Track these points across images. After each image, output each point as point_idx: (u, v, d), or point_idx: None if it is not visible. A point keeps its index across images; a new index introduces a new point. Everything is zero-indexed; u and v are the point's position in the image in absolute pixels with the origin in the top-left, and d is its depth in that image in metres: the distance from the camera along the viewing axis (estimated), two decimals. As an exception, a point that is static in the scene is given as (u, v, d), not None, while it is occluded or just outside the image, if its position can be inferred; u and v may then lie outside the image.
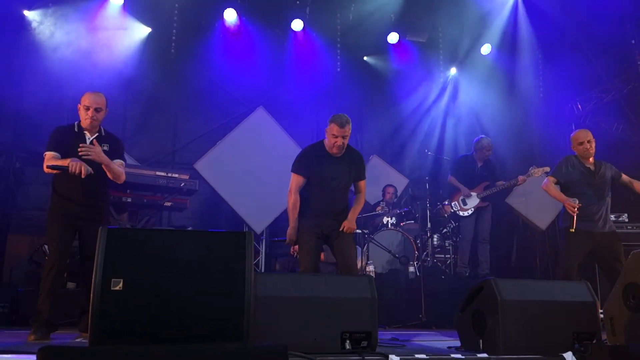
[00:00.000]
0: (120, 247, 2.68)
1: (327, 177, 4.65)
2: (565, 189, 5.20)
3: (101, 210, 4.55)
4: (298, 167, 4.71)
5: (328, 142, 4.64)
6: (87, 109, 4.39)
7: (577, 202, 4.95)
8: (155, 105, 8.75)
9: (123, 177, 4.55)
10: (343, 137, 4.57)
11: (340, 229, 4.61)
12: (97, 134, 4.50)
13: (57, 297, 4.30)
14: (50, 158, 4.33)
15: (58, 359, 2.20)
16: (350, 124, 4.61)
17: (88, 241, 4.34)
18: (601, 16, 7.69)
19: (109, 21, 8.05)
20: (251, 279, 2.78)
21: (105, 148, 4.45)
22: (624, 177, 5.28)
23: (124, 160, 4.68)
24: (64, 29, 7.79)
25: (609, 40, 7.92)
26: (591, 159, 5.22)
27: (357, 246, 7.14)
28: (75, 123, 4.51)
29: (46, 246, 5.76)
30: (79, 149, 4.25)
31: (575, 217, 4.95)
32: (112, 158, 4.48)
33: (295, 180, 4.69)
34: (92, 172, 4.26)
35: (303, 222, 4.64)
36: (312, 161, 4.67)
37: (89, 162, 4.30)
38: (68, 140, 4.39)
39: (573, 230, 4.95)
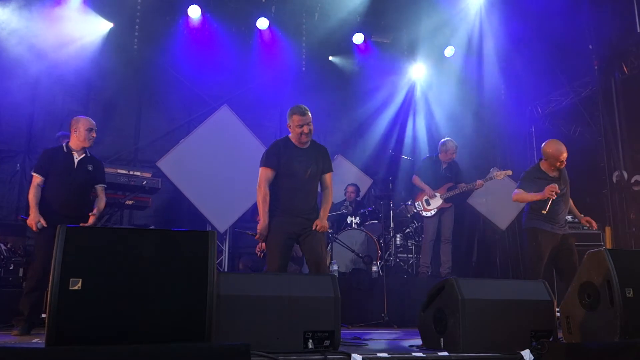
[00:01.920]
0: (79, 246, 2.63)
1: (295, 167, 4.60)
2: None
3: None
4: (266, 159, 4.65)
5: (294, 134, 4.63)
6: (91, 130, 5.02)
7: (556, 185, 5.07)
8: (118, 102, 8.61)
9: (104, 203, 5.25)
10: (308, 124, 4.57)
11: (313, 228, 4.56)
12: (83, 155, 5.06)
13: (40, 301, 4.71)
14: (35, 185, 4.85)
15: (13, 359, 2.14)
16: (309, 111, 4.64)
17: None
18: (560, 22, 7.87)
19: (69, 15, 7.86)
20: (214, 278, 2.76)
21: (90, 168, 5.07)
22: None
23: (105, 182, 5.27)
24: (22, 23, 7.59)
25: (568, 45, 8.12)
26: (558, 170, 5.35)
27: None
28: (64, 144, 5.04)
29: (3, 244, 5.77)
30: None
31: (549, 201, 5.07)
32: (95, 178, 5.13)
33: (264, 174, 4.61)
34: (45, 225, 4.74)
35: (274, 221, 4.55)
36: (280, 152, 4.64)
37: (79, 183, 4.96)
38: (57, 161, 4.94)
39: (545, 212, 5.08)
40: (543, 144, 5.42)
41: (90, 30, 8.15)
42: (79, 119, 5.05)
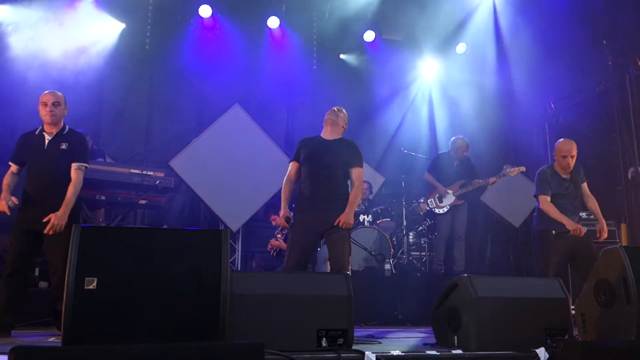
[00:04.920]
0: (94, 245, 2.64)
1: (315, 152, 4.68)
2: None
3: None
4: (293, 155, 4.87)
5: (325, 123, 4.84)
6: (45, 105, 4.52)
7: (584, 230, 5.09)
8: (130, 102, 8.65)
9: (79, 186, 4.55)
10: (338, 110, 4.85)
11: (336, 224, 4.51)
12: (55, 134, 4.57)
13: (15, 298, 4.37)
14: (9, 173, 4.55)
15: (31, 358, 2.16)
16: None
17: (49, 243, 4.42)
18: (574, 17, 7.80)
19: (82, 17, 7.91)
20: (227, 277, 2.76)
21: (64, 147, 4.55)
22: (586, 187, 5.43)
23: (86, 160, 4.67)
24: (35, 25, 7.64)
25: (582, 41, 8.05)
26: (569, 169, 5.32)
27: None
28: (40, 127, 4.64)
29: None
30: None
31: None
32: (71, 157, 4.55)
33: (289, 168, 4.82)
34: (16, 202, 4.40)
35: (296, 218, 4.59)
36: (301, 145, 4.80)
37: (49, 165, 4.48)
38: (29, 145, 4.56)
39: (555, 233, 5.11)
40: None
41: (102, 31, 8.21)
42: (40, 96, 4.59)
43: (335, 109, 4.87)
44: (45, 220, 4.31)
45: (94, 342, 2.49)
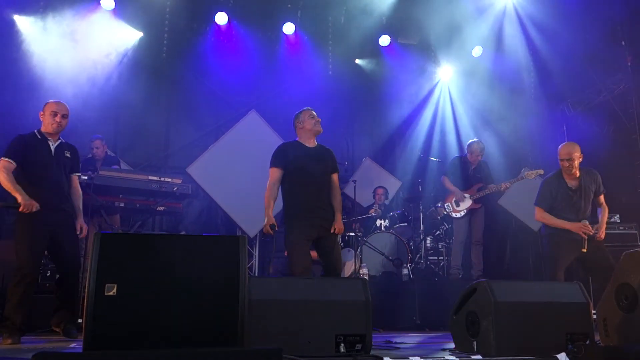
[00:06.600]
0: (113, 252, 2.67)
1: (306, 163, 4.68)
2: (550, 208, 5.25)
3: (71, 214, 4.68)
4: (274, 160, 4.77)
5: (307, 127, 4.80)
6: (55, 114, 4.55)
7: (587, 223, 5.01)
8: (148, 110, 8.72)
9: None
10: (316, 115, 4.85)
11: (331, 231, 4.63)
12: (58, 141, 4.65)
13: (29, 305, 4.40)
14: (2, 168, 4.32)
15: (51, 365, 2.19)
16: None
17: (65, 244, 4.51)
18: (592, 18, 7.73)
19: (101, 25, 8.01)
20: (245, 283, 2.78)
21: (68, 155, 4.68)
22: (601, 199, 5.32)
23: (80, 170, 4.92)
24: (54, 34, 7.74)
25: (600, 42, 7.97)
26: (575, 174, 5.21)
27: (351, 249, 7.15)
28: (35, 131, 4.63)
29: None
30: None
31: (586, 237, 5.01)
32: (73, 167, 4.75)
33: (272, 174, 4.74)
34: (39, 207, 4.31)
35: (294, 224, 4.61)
36: (287, 152, 4.76)
37: (59, 172, 4.54)
38: (31, 147, 4.49)
39: (585, 250, 5.00)
40: None
41: (120, 39, 8.30)
42: (48, 102, 4.61)
43: (314, 112, 4.87)
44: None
45: (114, 347, 2.51)
